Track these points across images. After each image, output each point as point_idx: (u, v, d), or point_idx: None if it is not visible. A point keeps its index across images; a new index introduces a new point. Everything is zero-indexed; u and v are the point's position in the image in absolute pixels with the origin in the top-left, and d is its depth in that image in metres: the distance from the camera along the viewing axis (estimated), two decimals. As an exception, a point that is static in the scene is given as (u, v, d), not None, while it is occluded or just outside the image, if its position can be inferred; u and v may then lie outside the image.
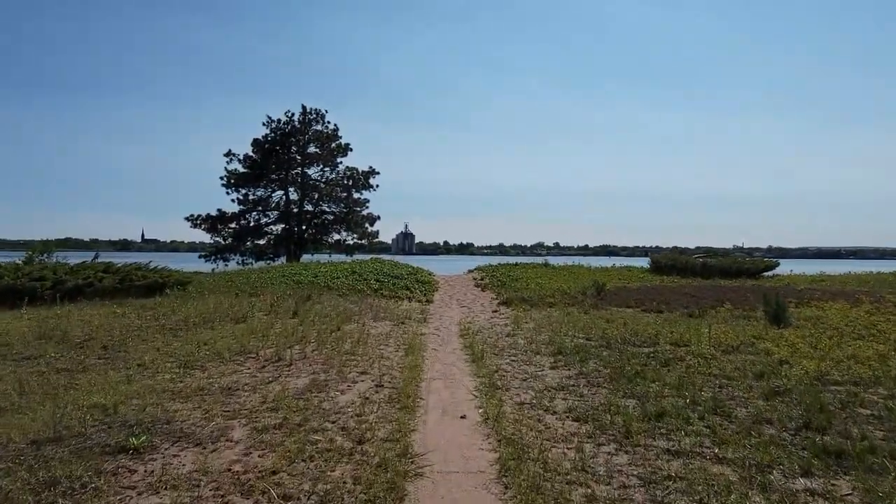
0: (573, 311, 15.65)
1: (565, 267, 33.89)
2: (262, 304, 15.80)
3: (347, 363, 8.92)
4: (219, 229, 41.21)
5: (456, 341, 11.38)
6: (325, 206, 43.35)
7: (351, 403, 6.77)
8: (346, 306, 15.70)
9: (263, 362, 9.08)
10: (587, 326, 12.69)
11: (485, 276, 27.95)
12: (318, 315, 13.81)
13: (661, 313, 15.08)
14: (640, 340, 11.00)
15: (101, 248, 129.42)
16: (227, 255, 40.79)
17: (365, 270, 24.98)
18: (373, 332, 12.06)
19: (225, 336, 11.26)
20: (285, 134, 41.94)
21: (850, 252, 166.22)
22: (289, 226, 41.85)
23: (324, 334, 11.45)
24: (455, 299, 19.95)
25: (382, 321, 13.60)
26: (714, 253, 60.21)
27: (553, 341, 10.92)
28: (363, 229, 42.19)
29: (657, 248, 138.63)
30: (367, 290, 19.69)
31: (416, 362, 8.99)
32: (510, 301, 17.84)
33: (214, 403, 6.77)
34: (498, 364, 9.04)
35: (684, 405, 6.61)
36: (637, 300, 17.40)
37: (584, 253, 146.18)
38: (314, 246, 42.72)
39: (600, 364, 8.99)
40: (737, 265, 33.12)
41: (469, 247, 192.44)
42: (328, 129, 42.73)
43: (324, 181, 42.84)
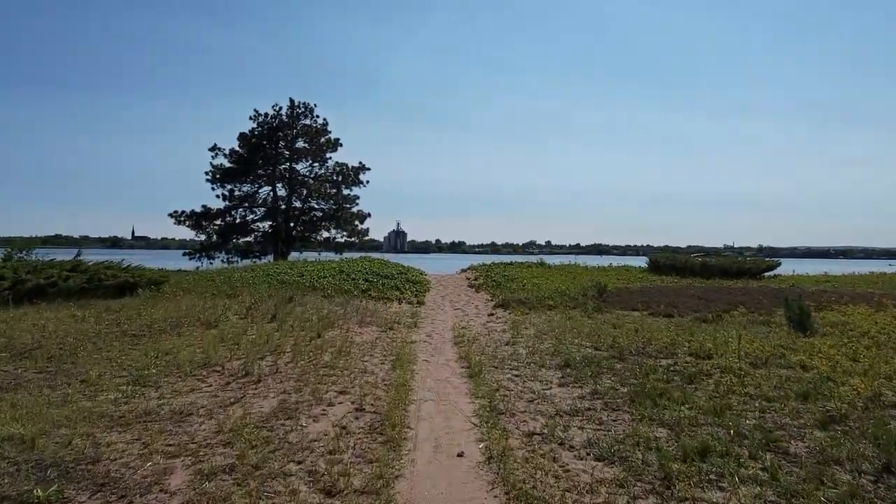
0: (575, 314, 14.51)
1: (561, 266, 32.81)
2: (239, 306, 14.56)
3: (325, 379, 7.71)
4: (203, 226, 39.78)
5: (450, 351, 10.20)
6: (314, 203, 42.05)
7: (324, 434, 5.57)
8: (331, 309, 14.48)
9: (228, 377, 7.86)
10: (593, 333, 11.55)
11: (479, 275, 26.78)
12: (298, 319, 12.59)
13: (671, 318, 13.96)
14: (656, 350, 9.85)
15: (91, 246, 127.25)
16: (213, 253, 39.39)
17: (353, 270, 23.74)
18: (357, 339, 10.85)
19: (191, 344, 10.03)
20: (273, 128, 40.56)
21: (839, 252, 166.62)
22: (276, 223, 40.50)
23: (302, 343, 10.24)
24: (448, 301, 18.77)
25: (369, 326, 12.39)
26: (707, 252, 59.49)
27: (558, 351, 9.76)
28: (353, 227, 40.87)
29: (649, 248, 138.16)
30: (354, 291, 18.47)
31: (404, 378, 7.79)
32: (507, 303, 16.68)
33: (159, 434, 5.57)
34: (498, 380, 7.87)
35: (728, 438, 5.47)
36: (642, 303, 16.28)
37: (576, 252, 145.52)
38: (302, 244, 41.37)
39: (616, 380, 7.84)
40: (737, 265, 32.13)
41: (461, 245, 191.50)
42: (317, 124, 41.39)
43: (312, 177, 41.51)
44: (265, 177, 40.81)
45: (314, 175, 41.48)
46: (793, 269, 34.82)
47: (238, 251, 39.33)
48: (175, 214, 39.20)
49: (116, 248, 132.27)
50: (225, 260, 38.43)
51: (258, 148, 40.15)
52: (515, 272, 27.40)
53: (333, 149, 41.87)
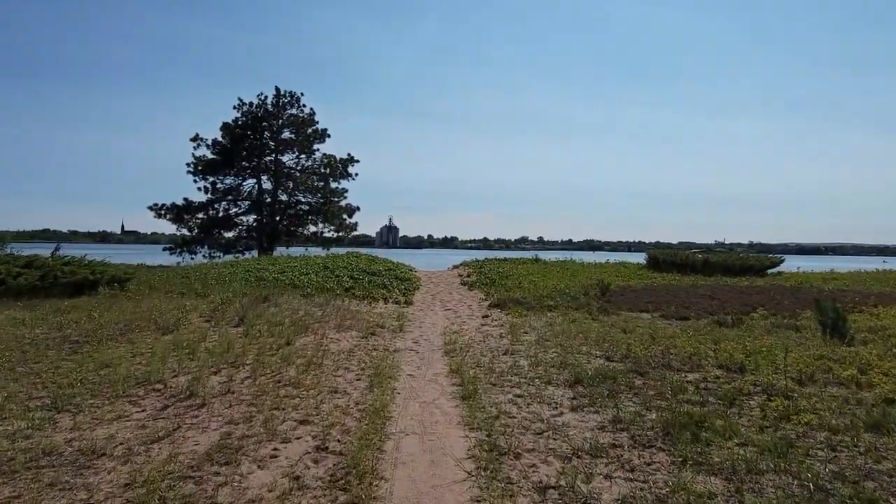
0: (579, 316, 13.15)
1: (557, 263, 31.51)
2: (207, 306, 13.10)
3: (285, 402, 6.28)
4: (185, 220, 38.13)
5: (439, 362, 8.79)
6: (301, 196, 40.51)
7: (267, 491, 4.16)
8: (308, 310, 13.04)
9: (168, 399, 6.43)
10: (602, 339, 10.19)
11: (471, 272, 25.39)
12: (269, 323, 11.15)
13: (686, 320, 12.63)
14: (679, 362, 8.50)
15: (80, 241, 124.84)
16: (195, 248, 37.78)
17: (338, 266, 22.30)
18: (333, 347, 9.42)
19: (139, 353, 8.60)
20: (257, 118, 38.95)
21: (830, 248, 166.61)
22: (261, 217, 38.93)
23: (267, 352, 8.81)
24: (438, 300, 17.37)
25: (348, 331, 10.95)
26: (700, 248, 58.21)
27: (566, 363, 8.38)
28: (341, 221, 39.34)
29: (640, 244, 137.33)
30: (337, 290, 17.03)
31: (382, 401, 6.37)
32: (503, 303, 15.29)
33: (47, 489, 4.15)
34: (498, 402, 6.47)
35: (807, 495, 4.10)
36: (650, 303, 14.95)
37: (568, 248, 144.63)
38: (288, 239, 39.82)
39: (639, 402, 6.47)
40: (741, 262, 30.91)
41: (453, 241, 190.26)
42: (304, 114, 39.81)
43: (299, 169, 39.94)
44: (249, 169, 39.23)
45: (301, 167, 39.92)
46: (797, 265, 33.65)
47: (220, 246, 37.73)
48: (155, 207, 37.53)
49: (105, 243, 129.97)
50: (207, 255, 36.84)
51: (242, 138, 38.55)
52: (510, 269, 26.05)
53: (321, 140, 40.33)
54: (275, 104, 39.34)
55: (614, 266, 32.27)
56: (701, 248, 56.75)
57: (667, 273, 29.71)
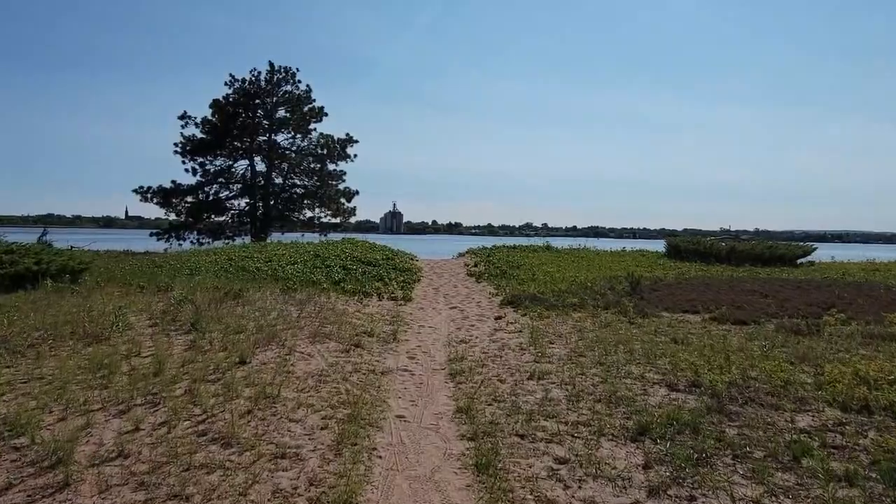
0: (612, 318, 10.83)
1: (570, 251, 29.09)
2: (166, 304, 10.83)
3: (193, 482, 3.98)
4: (173, 204, 35.75)
5: (442, 391, 6.47)
6: (297, 179, 38.08)
7: None
8: (284, 311, 10.73)
9: (21, 467, 4.15)
10: (652, 353, 7.88)
11: (478, 261, 23.04)
12: (228, 329, 8.84)
13: (744, 325, 10.29)
14: (770, 394, 6.16)
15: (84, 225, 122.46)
16: (183, 234, 35.46)
17: (331, 254, 19.99)
18: (300, 368, 7.10)
19: (37, 378, 6.32)
20: (250, 95, 36.39)
21: (835, 236, 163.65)
22: (253, 200, 36.55)
23: (210, 375, 6.51)
24: (442, 295, 15.06)
25: (326, 342, 8.61)
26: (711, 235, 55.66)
27: (616, 394, 6.07)
28: (338, 205, 36.87)
29: (645, 230, 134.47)
30: (324, 283, 14.73)
31: (351, 480, 4.05)
32: (517, 300, 12.97)
33: None
34: (531, 479, 4.15)
35: None
36: (693, 301, 12.60)
37: (573, 234, 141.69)
38: (282, 224, 37.47)
39: (750, 474, 4.17)
40: (770, 250, 28.41)
41: (457, 227, 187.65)
42: (299, 90, 37.28)
43: (294, 150, 37.49)
44: (241, 149, 36.74)
45: (296, 148, 37.46)
46: (830, 254, 31.16)
47: (210, 232, 35.39)
48: (141, 191, 35.11)
49: (109, 228, 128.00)
50: (196, 241, 34.56)
51: (233, 117, 36.00)
52: (521, 258, 23.70)
53: (318, 119, 37.74)
54: (268, 80, 36.80)
55: (631, 255, 29.85)
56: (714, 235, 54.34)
57: (690, 262, 27.33)
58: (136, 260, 20.97)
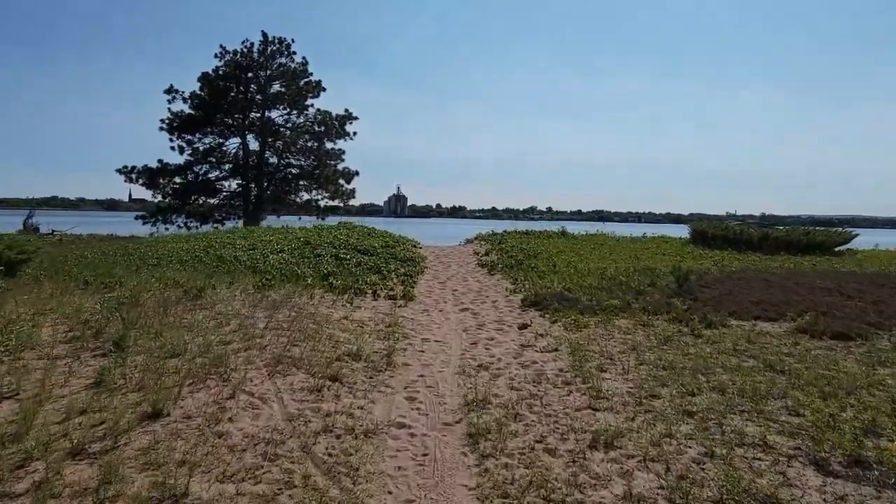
0: (670, 330, 8.42)
1: (589, 237, 26.57)
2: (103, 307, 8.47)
3: None
4: (161, 185, 33.34)
5: (457, 477, 4.08)
6: (293, 159, 35.54)
7: None
8: (248, 319, 8.34)
9: None
10: (754, 393, 5.49)
11: (490, 248, 20.58)
12: (162, 350, 6.47)
13: (849, 340, 7.87)
14: None
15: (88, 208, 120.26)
16: (170, 217, 33.07)
17: (323, 241, 17.60)
18: (239, 428, 4.68)
19: None
20: (242, 68, 33.77)
21: (843, 221, 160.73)
22: (245, 181, 34.08)
23: (89, 446, 4.14)
24: (450, 291, 12.68)
25: (290, 373, 6.19)
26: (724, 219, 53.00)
27: (743, 489, 3.68)
28: (337, 186, 34.33)
29: (650, 214, 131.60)
30: (310, 277, 12.36)
31: None
32: (542, 301, 10.57)
33: None
34: None
35: None
36: (759, 304, 10.17)
37: (577, 218, 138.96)
38: (277, 206, 35.04)
39: None
40: (808, 237, 25.86)
41: (461, 210, 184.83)
42: (295, 63, 34.64)
43: (289, 127, 34.93)
44: (233, 126, 34.22)
45: (291, 125, 34.89)
46: (873, 242, 28.56)
47: (199, 215, 32.96)
48: (125, 171, 32.68)
49: (113, 211, 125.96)
50: (182, 225, 32.21)
51: (224, 91, 33.47)
52: (536, 245, 21.24)
53: (315, 94, 35.15)
54: (261, 52, 34.15)
55: (654, 241, 27.34)
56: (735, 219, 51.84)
57: (720, 250, 24.87)
58: (109, 246, 18.69)
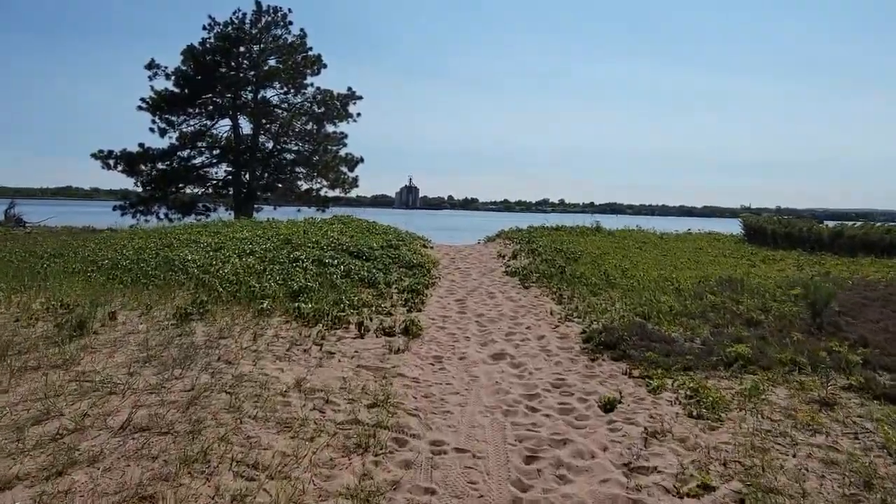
0: (874, 414, 4.65)
1: (628, 234, 22.69)
2: None
3: None
4: (142, 171, 29.74)
5: None
6: (291, 143, 31.82)
7: None
8: (124, 387, 4.67)
9: None
10: None
11: (517, 249, 16.75)
12: None
13: None
14: None
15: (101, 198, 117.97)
16: (152, 208, 29.52)
17: (307, 240, 13.92)
18: None
19: None
20: (232, 41, 30.04)
21: (860, 215, 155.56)
22: (236, 168, 30.43)
23: None
24: (473, 316, 8.96)
25: None
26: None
27: None
28: (337, 174, 30.54)
29: (664, 208, 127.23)
30: (272, 295, 8.69)
31: None
32: (616, 340, 6.81)
33: None
34: None
35: None
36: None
37: (590, 210, 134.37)
38: (271, 195, 31.39)
39: None
40: (891, 236, 21.79)
41: (474, 202, 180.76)
42: (292, 36, 30.91)
43: (286, 107, 31.21)
44: (223, 107, 30.56)
45: (288, 105, 31.16)
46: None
47: (182, 205, 29.36)
48: (101, 156, 29.09)
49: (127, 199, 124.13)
50: (164, 217, 28.70)
51: (212, 67, 29.75)
52: (572, 244, 17.44)
53: (315, 71, 31.35)
54: (254, 23, 30.45)
55: (704, 238, 23.46)
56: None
57: (784, 250, 20.97)
58: (66, 241, 15.38)
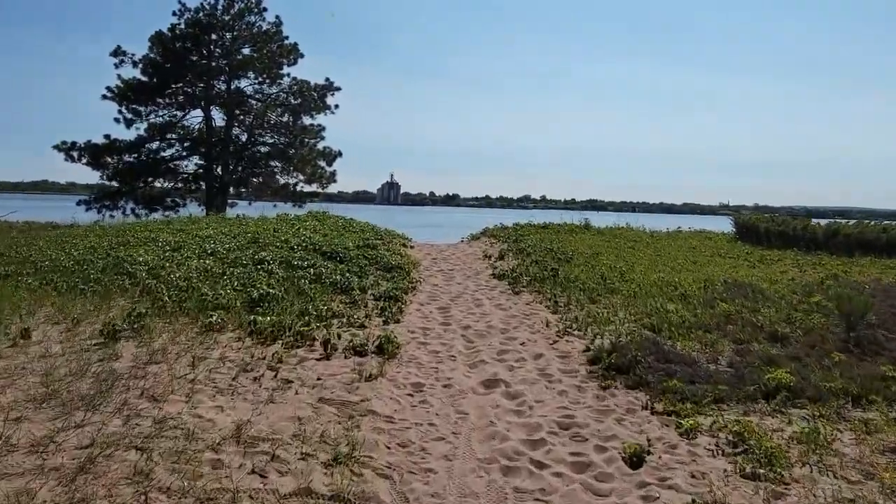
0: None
1: (619, 232, 21.71)
2: None
3: None
4: (108, 164, 28.11)
5: None
6: (267, 136, 30.38)
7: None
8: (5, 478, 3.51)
9: None
10: None
11: (504, 249, 15.65)
12: None
13: None
14: None
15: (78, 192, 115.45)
16: (118, 202, 27.93)
17: (277, 239, 12.72)
18: None
19: None
20: (203, 27, 28.51)
21: (837, 213, 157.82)
22: (208, 161, 28.94)
23: None
24: (459, 329, 7.88)
25: None
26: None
27: None
28: (314, 168, 29.16)
29: (644, 205, 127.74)
30: (227, 305, 7.52)
31: None
32: (627, 362, 5.77)
33: None
34: None
35: None
36: None
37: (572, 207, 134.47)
38: (245, 190, 29.96)
39: None
40: (888, 235, 21.11)
41: (455, 198, 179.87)
42: (267, 24, 29.46)
43: (260, 98, 29.78)
44: (194, 97, 29.05)
45: (262, 96, 29.73)
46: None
47: (151, 199, 27.80)
48: (63, 147, 27.46)
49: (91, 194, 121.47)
50: (131, 212, 27.17)
51: (182, 55, 28.23)
52: (561, 242, 16.41)
53: (291, 61, 29.91)
54: (227, 9, 28.94)
55: (696, 237, 22.65)
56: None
57: (779, 249, 20.23)
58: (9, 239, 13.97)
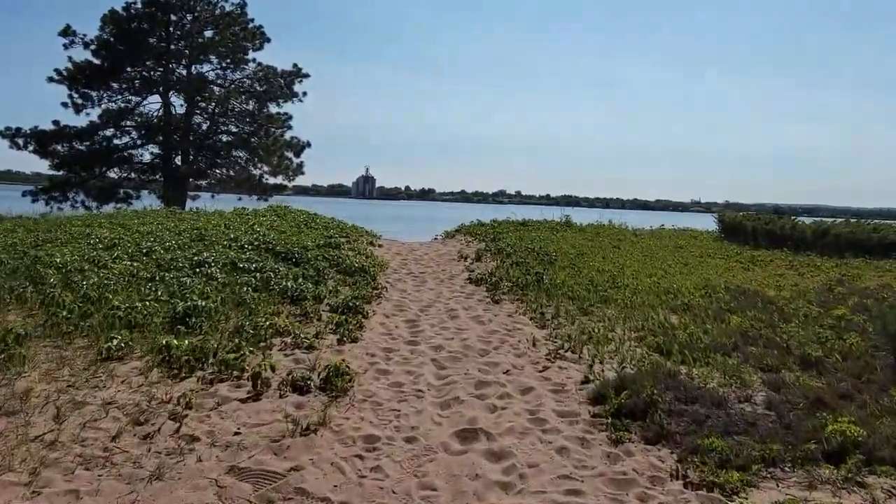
0: None
1: (602, 230, 20.62)
2: None
3: None
4: (56, 152, 26.06)
5: None
6: (231, 125, 28.59)
7: None
8: None
9: None
10: None
11: (481, 249, 14.36)
12: None
13: None
14: None
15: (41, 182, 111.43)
16: (66, 193, 25.96)
17: (226, 236, 11.24)
18: None
19: None
20: (161, 6, 26.59)
21: (805, 210, 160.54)
22: (166, 150, 27.06)
23: None
24: (428, 351, 6.57)
25: None
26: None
27: None
28: (280, 159, 27.46)
29: (618, 201, 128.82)
30: (147, 326, 6.07)
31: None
32: (640, 403, 4.56)
33: None
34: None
35: None
36: None
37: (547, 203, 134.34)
38: (206, 182, 28.17)
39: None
40: (879, 235, 20.32)
41: (431, 192, 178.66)
42: (230, 5, 27.64)
43: (224, 84, 27.98)
44: (151, 81, 27.11)
45: (225, 82, 27.93)
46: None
47: (100, 191, 25.87)
48: (7, 133, 25.34)
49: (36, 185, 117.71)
50: (80, 204, 25.24)
51: (139, 36, 26.27)
52: (543, 242, 15.18)
53: (256, 45, 28.14)
54: (188, -12, 27.06)
55: (682, 237, 21.69)
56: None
57: (767, 249, 19.37)
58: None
